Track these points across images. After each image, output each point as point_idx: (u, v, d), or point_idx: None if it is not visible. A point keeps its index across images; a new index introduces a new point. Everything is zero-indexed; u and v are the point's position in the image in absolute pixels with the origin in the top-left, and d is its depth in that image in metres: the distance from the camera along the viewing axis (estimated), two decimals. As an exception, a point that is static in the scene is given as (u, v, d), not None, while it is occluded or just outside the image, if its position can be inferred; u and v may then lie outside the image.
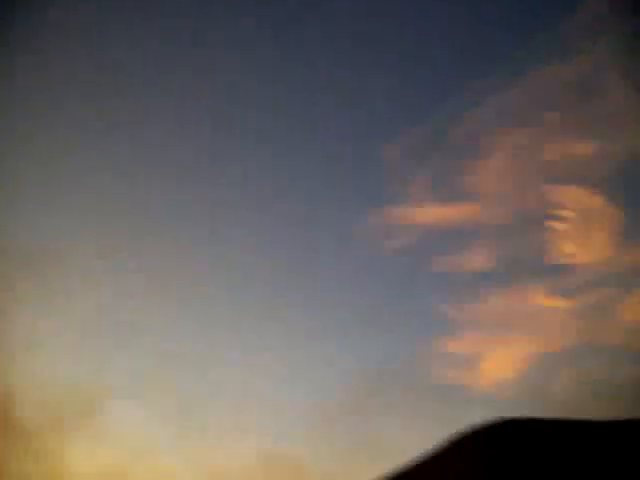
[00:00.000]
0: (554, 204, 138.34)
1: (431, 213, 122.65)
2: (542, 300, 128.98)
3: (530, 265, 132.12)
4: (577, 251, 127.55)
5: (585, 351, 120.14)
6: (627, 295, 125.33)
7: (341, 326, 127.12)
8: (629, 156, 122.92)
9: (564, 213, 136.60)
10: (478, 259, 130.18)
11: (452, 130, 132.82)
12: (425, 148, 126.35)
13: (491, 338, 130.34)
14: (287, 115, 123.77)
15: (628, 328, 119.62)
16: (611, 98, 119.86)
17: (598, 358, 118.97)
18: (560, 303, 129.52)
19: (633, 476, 31.93)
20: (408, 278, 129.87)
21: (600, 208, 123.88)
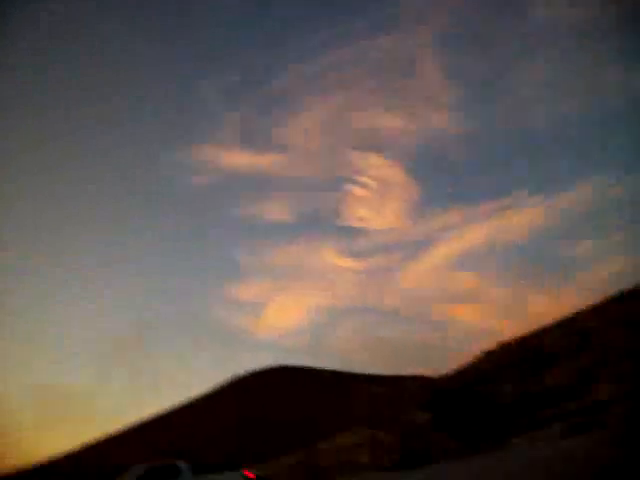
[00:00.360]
0: (356, 169, 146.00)
1: (238, 158, 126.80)
2: (333, 258, 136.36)
3: (326, 223, 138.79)
4: (371, 216, 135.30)
5: (365, 309, 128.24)
6: (410, 263, 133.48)
7: (133, 264, 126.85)
8: (429, 135, 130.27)
9: (364, 179, 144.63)
10: (277, 210, 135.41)
11: (272, 80, 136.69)
12: (241, 93, 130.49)
13: (279, 288, 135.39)
14: (106, 53, 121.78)
15: (405, 294, 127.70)
16: (425, 79, 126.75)
17: (376, 317, 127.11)
18: (349, 263, 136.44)
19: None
20: (209, 219, 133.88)
21: (398, 180, 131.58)
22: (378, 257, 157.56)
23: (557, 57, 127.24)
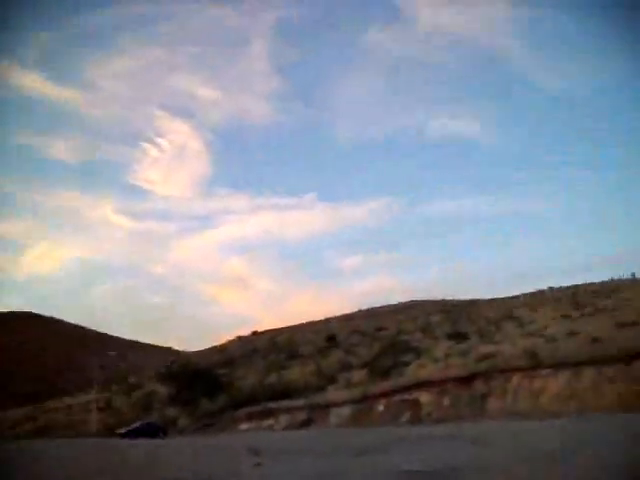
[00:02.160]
0: (158, 130, 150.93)
1: (35, 82, 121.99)
2: (109, 213, 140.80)
3: (111, 176, 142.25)
4: (160, 181, 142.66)
5: (131, 272, 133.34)
6: (187, 237, 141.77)
7: None
8: (238, 117, 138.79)
9: (163, 142, 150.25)
10: (63, 149, 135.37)
11: (94, 15, 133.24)
12: (59, 17, 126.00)
13: (47, 230, 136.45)
14: None
15: (176, 266, 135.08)
16: (252, 63, 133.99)
17: (141, 282, 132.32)
18: (125, 222, 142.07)
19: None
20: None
21: (196, 150, 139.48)
22: (156, 223, 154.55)
23: (376, 79, 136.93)
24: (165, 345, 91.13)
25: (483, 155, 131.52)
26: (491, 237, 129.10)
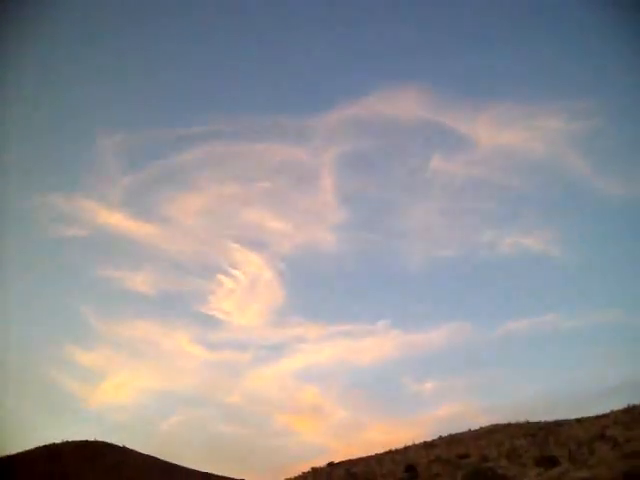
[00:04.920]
0: (231, 262, 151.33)
1: (117, 219, 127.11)
2: (185, 343, 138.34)
3: (187, 306, 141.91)
4: (234, 310, 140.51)
5: (206, 402, 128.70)
6: (261, 365, 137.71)
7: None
8: (308, 247, 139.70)
9: (237, 273, 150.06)
10: (141, 280, 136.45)
11: (174, 155, 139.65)
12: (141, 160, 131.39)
13: (124, 360, 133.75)
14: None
15: (249, 395, 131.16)
16: (318, 195, 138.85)
17: (215, 412, 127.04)
18: (200, 352, 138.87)
19: None
20: (68, 273, 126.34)
21: (268, 281, 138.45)
22: (230, 352, 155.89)
23: (442, 202, 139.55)
24: (240, 477, 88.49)
25: (556, 269, 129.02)
26: (573, 352, 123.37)
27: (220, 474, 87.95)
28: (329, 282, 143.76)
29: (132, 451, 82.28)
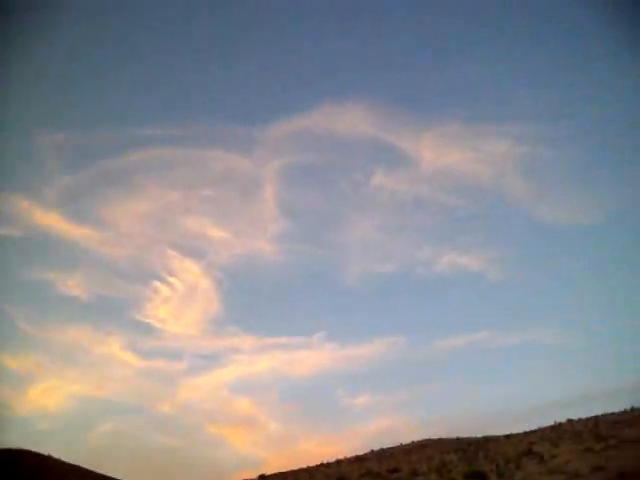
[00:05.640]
0: (169, 269, 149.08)
1: (52, 220, 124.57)
2: (117, 349, 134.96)
3: (121, 313, 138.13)
4: (169, 319, 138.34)
5: (136, 410, 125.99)
6: (194, 375, 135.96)
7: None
8: (248, 257, 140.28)
9: (174, 281, 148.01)
10: (75, 284, 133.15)
11: (115, 156, 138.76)
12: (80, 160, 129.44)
13: (53, 365, 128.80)
14: None
15: (182, 405, 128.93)
16: (261, 206, 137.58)
17: (145, 421, 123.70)
18: (133, 359, 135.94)
19: None
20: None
21: (206, 290, 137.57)
22: (164, 361, 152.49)
23: (383, 218, 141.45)
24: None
25: (492, 288, 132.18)
26: (504, 370, 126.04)
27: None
28: (267, 293, 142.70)
29: (54, 459, 78.80)
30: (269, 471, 68.68)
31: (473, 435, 68.15)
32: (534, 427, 60.91)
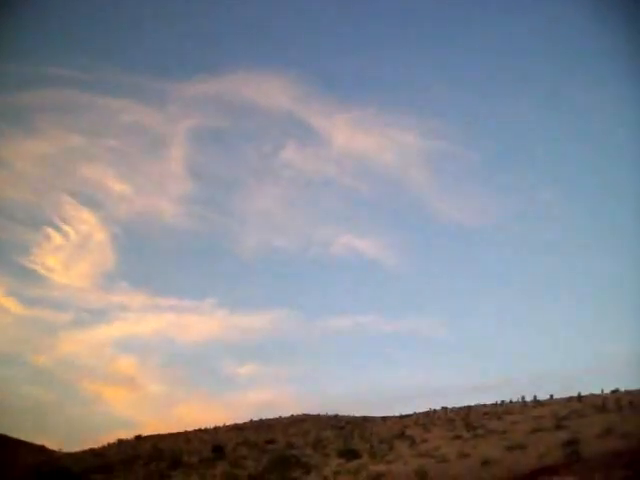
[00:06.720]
0: (64, 217, 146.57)
1: None
2: None
3: (7, 257, 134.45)
4: (59, 269, 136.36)
5: (13, 361, 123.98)
6: (78, 329, 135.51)
7: None
8: (148, 214, 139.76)
9: (68, 229, 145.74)
10: None
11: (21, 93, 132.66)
12: None
13: None
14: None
15: (59, 355, 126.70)
16: (167, 164, 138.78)
17: (24, 372, 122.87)
18: (15, 306, 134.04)
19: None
20: None
21: (100, 243, 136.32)
22: (48, 311, 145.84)
23: (288, 193, 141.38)
24: (39, 443, 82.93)
25: (384, 274, 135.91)
26: (388, 355, 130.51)
27: (18, 438, 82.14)
28: (162, 254, 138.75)
29: None
30: (146, 433, 68.01)
31: (352, 414, 70.15)
32: (410, 412, 63.66)
